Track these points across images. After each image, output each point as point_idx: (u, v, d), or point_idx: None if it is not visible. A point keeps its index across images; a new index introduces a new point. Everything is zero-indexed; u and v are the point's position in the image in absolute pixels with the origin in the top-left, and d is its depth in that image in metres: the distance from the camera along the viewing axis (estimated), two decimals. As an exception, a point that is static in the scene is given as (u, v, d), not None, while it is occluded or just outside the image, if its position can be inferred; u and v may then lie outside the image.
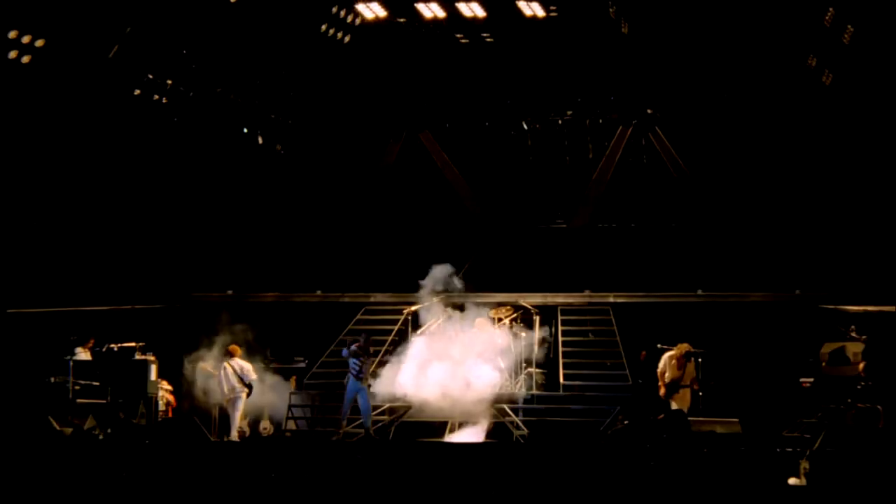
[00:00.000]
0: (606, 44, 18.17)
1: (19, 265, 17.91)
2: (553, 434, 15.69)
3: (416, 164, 20.79)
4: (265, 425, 17.54)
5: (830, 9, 16.04)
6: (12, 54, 16.04)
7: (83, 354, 16.53)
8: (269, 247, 20.55)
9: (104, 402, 15.89)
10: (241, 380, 16.80)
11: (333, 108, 20.14)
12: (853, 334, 16.31)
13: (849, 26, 16.05)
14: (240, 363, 16.91)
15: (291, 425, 17.01)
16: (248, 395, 16.86)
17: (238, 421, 16.87)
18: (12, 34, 15.85)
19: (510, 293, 18.44)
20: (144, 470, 12.60)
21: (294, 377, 17.98)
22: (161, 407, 16.66)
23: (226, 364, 16.88)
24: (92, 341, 16.74)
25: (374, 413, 16.59)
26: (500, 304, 18.13)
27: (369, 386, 16.38)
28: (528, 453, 14.36)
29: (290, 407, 17.09)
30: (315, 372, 18.25)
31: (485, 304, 17.98)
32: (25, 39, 16.05)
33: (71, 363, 16.04)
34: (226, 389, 16.82)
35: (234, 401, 16.85)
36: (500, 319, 17.75)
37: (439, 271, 17.55)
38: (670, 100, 19.33)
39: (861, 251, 18.16)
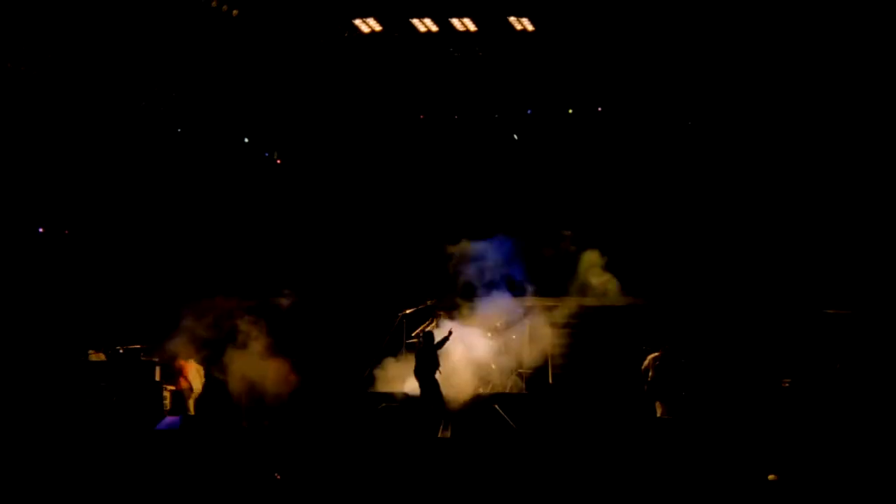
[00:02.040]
0: (593, 57, 18.51)
1: (26, 271, 18.43)
2: (540, 431, 16.26)
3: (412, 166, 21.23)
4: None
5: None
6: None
7: (94, 356, 17.12)
8: (265, 250, 20.96)
9: (112, 402, 16.55)
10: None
11: (330, 117, 20.52)
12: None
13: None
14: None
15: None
16: None
17: None
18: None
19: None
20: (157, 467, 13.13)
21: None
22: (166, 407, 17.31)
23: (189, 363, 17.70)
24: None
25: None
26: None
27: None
28: (517, 450, 14.92)
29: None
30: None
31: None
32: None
33: (81, 365, 16.69)
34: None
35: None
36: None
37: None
38: (660, 108, 19.67)
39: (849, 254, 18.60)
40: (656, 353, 16.41)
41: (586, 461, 13.84)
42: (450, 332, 16.98)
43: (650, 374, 16.35)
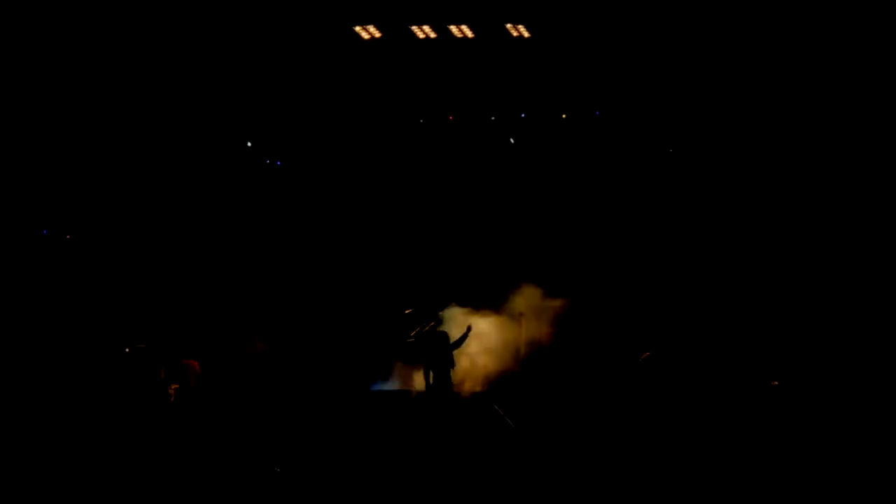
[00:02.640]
0: (588, 62, 18.84)
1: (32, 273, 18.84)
2: (537, 430, 16.47)
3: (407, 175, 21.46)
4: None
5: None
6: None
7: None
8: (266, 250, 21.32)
9: (118, 400, 16.98)
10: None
11: (331, 121, 20.84)
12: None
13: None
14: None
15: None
16: None
17: None
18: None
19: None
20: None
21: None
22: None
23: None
24: None
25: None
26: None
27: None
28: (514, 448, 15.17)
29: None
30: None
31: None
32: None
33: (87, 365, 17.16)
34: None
35: None
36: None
37: None
38: (652, 117, 19.95)
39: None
40: (648, 353, 16.63)
41: (579, 460, 14.04)
42: (469, 329, 17.21)
43: (642, 373, 16.57)
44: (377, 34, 18.10)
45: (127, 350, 17.46)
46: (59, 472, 12.97)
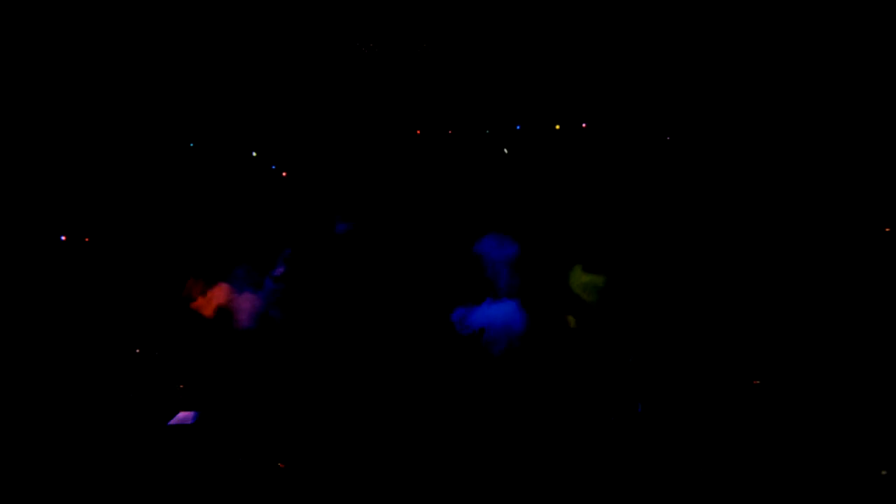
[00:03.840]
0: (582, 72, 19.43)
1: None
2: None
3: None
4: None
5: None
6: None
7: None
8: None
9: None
10: None
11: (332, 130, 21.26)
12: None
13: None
14: None
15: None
16: None
17: None
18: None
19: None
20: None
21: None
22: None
23: None
24: None
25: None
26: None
27: None
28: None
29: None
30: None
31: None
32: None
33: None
34: None
35: None
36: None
37: None
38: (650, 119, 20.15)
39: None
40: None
41: (561, 459, 14.51)
42: (481, 331, 17.51)
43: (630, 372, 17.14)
44: (375, 48, 18.62)
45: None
46: (59, 473, 13.34)
